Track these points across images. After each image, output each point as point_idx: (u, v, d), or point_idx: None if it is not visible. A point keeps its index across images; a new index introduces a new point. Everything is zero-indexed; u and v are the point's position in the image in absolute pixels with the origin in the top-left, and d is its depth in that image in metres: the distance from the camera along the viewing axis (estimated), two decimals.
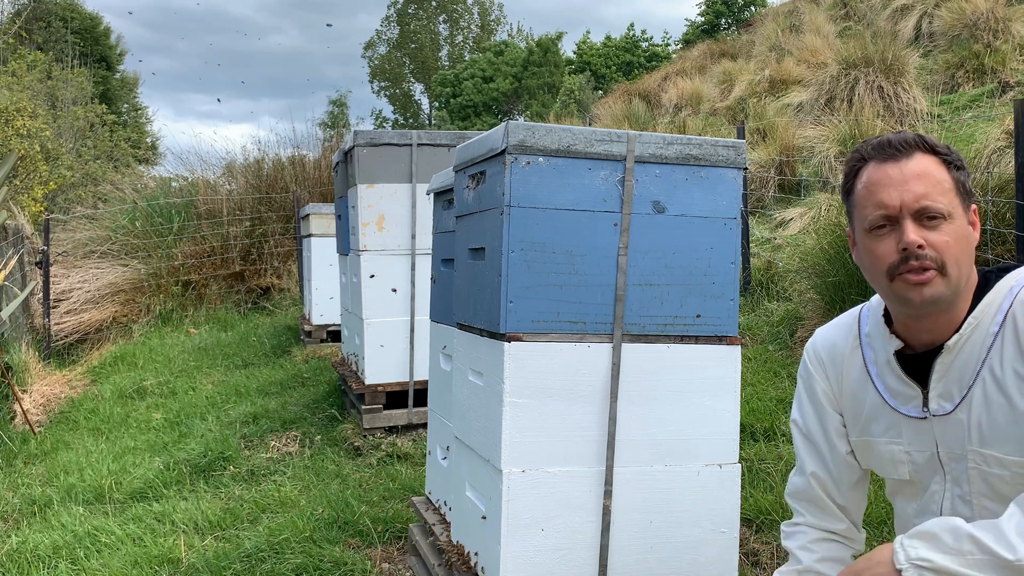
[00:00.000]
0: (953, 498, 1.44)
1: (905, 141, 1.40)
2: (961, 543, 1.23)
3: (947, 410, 1.42)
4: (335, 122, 32.95)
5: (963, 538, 1.23)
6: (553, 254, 2.09)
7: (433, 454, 3.02)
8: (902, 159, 1.39)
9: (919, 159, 1.39)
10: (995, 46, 8.56)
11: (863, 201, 1.42)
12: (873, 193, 1.40)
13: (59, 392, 6.70)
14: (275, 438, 4.71)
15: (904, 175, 1.38)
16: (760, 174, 7.69)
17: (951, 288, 1.36)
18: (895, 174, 1.38)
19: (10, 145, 12.02)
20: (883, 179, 1.39)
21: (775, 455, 3.41)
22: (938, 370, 1.42)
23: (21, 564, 3.29)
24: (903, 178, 1.37)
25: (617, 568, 2.14)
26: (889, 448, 1.51)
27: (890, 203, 1.37)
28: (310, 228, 7.30)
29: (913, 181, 1.37)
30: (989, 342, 1.38)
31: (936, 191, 1.36)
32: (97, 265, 9.72)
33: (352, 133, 4.36)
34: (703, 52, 16.35)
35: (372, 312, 4.38)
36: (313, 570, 2.97)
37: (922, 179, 1.37)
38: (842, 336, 1.60)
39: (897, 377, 1.48)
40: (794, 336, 4.85)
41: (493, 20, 44.18)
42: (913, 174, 1.37)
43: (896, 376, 1.48)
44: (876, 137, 1.45)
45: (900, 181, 1.37)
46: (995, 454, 1.36)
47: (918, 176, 1.37)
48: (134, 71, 30.12)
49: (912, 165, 1.38)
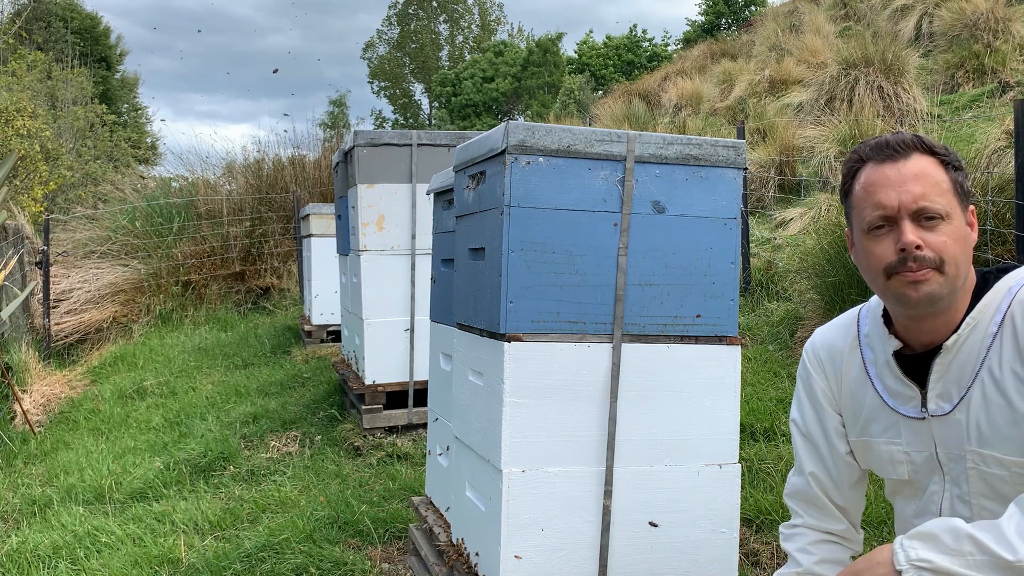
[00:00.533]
0: (952, 498, 1.44)
1: (903, 142, 1.40)
2: (961, 544, 1.23)
3: (946, 410, 1.42)
4: (335, 122, 32.96)
5: (963, 539, 1.23)
6: (553, 254, 2.09)
7: (433, 454, 3.02)
8: (900, 160, 1.39)
9: (917, 160, 1.39)
10: (995, 46, 8.56)
11: (861, 202, 1.42)
12: (871, 194, 1.40)
13: (59, 392, 6.70)
14: (275, 438, 4.71)
15: (902, 176, 1.38)
16: (760, 174, 7.69)
17: (948, 287, 1.36)
18: (893, 175, 1.38)
19: (10, 145, 12.02)
20: (881, 180, 1.39)
21: (775, 455, 3.41)
22: (936, 370, 1.42)
23: (21, 564, 3.29)
24: (901, 179, 1.38)
25: (617, 568, 2.14)
26: (888, 448, 1.51)
27: (888, 204, 1.37)
28: (310, 228, 7.31)
29: (911, 182, 1.37)
30: (988, 342, 1.37)
31: (934, 192, 1.36)
32: (97, 265, 9.72)
33: (352, 133, 4.36)
34: (703, 52, 16.35)
35: (372, 312, 4.38)
36: (313, 570, 2.97)
37: (920, 180, 1.37)
38: (841, 336, 1.60)
39: (896, 377, 1.48)
40: (794, 336, 4.85)
41: (493, 20, 44.19)
42: (911, 175, 1.37)
43: (895, 376, 1.48)
44: (874, 138, 1.46)
45: (898, 182, 1.37)
46: (994, 454, 1.36)
47: (916, 177, 1.37)
48: (134, 71, 30.16)
49: (910, 166, 1.38)
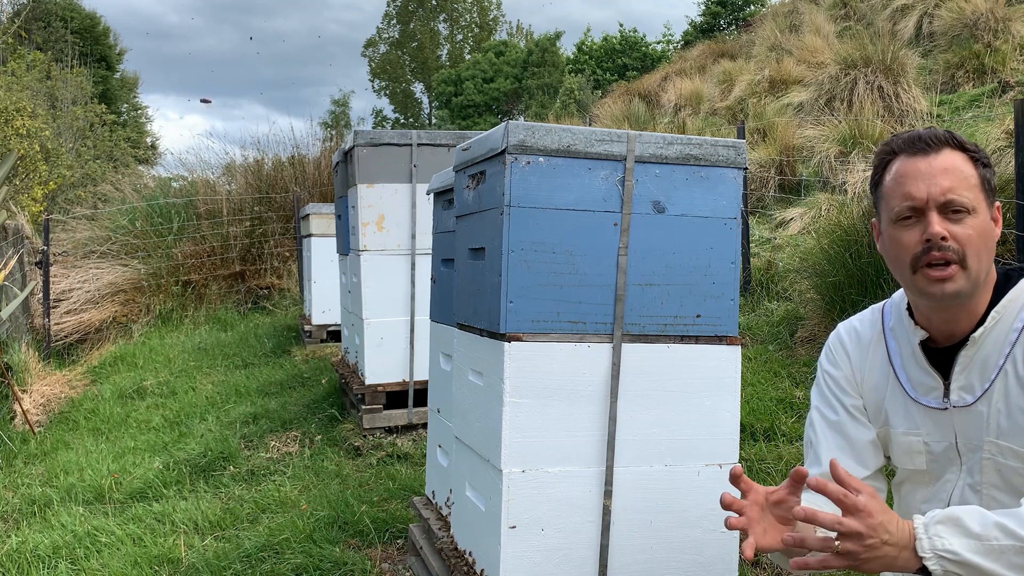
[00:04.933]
0: (964, 487, 1.47)
1: (935, 136, 1.44)
2: (988, 529, 1.23)
3: (968, 402, 1.45)
4: (336, 122, 32.95)
5: (989, 524, 1.24)
6: (553, 254, 2.09)
7: (433, 454, 3.02)
8: (931, 154, 1.43)
9: (947, 155, 1.43)
10: (995, 46, 8.55)
11: (891, 192, 1.46)
12: (901, 185, 1.44)
13: (59, 392, 6.70)
14: (275, 438, 4.71)
15: (932, 169, 1.42)
16: (760, 174, 7.69)
17: (971, 282, 1.41)
18: (924, 167, 1.43)
19: (10, 145, 12.01)
20: (912, 172, 1.43)
21: (775, 455, 3.41)
22: (961, 362, 1.46)
23: (21, 564, 3.29)
24: (931, 172, 1.42)
25: (617, 568, 2.14)
26: (907, 439, 1.54)
27: (917, 195, 1.42)
28: (310, 228, 7.31)
29: (940, 175, 1.41)
30: (1013, 337, 1.42)
31: (962, 186, 1.41)
32: (97, 265, 9.72)
33: (352, 133, 4.36)
34: (703, 52, 16.33)
35: (372, 312, 4.38)
36: (313, 570, 2.97)
37: (949, 173, 1.41)
38: (867, 328, 1.63)
39: (921, 368, 1.51)
40: (794, 336, 4.85)
41: (492, 20, 44.16)
42: (941, 168, 1.41)
43: (920, 367, 1.51)
44: (907, 132, 1.50)
45: (928, 174, 1.42)
46: (1011, 446, 1.40)
47: (946, 170, 1.41)
48: (134, 71, 30.15)
49: (941, 160, 1.42)
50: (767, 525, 1.35)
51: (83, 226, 10.74)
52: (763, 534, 1.33)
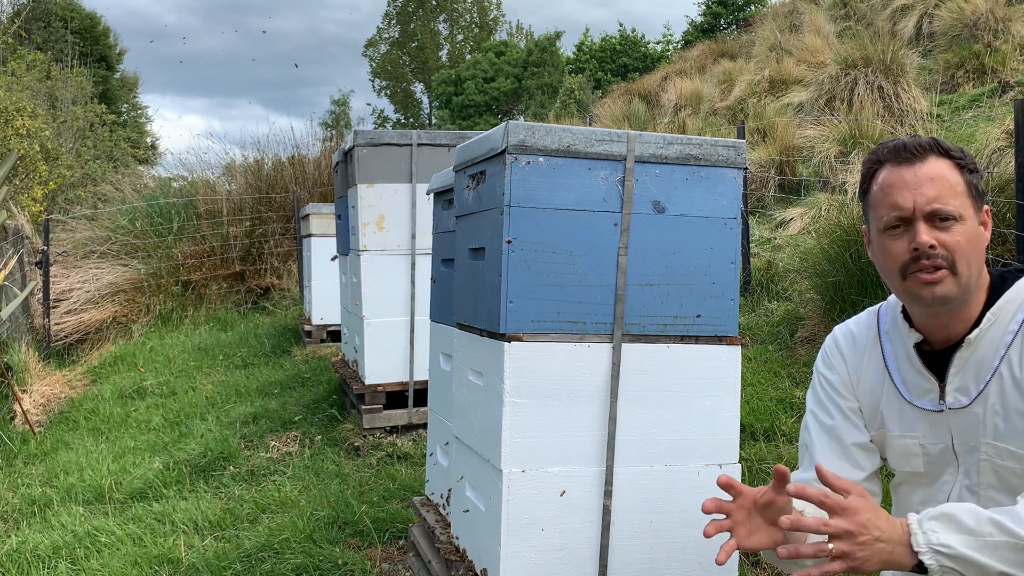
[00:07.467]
0: (961, 488, 1.47)
1: (920, 145, 1.44)
2: (982, 524, 1.23)
3: (963, 404, 1.45)
4: (336, 121, 32.96)
5: (983, 520, 1.24)
6: (553, 254, 2.09)
7: (433, 454, 3.02)
8: (916, 163, 1.43)
9: (933, 163, 1.43)
10: (995, 46, 8.55)
11: (878, 202, 1.47)
12: (888, 195, 1.45)
13: (59, 392, 6.70)
14: (275, 438, 4.71)
15: (918, 178, 1.42)
16: (760, 174, 7.69)
17: (961, 287, 1.41)
18: (909, 177, 1.43)
19: (10, 145, 12.01)
20: (897, 182, 1.44)
21: (775, 455, 3.41)
22: (956, 364, 1.46)
23: (21, 564, 3.29)
24: (917, 181, 1.42)
25: (617, 568, 2.14)
26: (903, 442, 1.54)
27: (904, 205, 1.42)
28: (310, 228, 7.31)
29: (926, 184, 1.41)
30: (1008, 339, 1.42)
31: (948, 194, 1.41)
32: (97, 265, 9.72)
33: (352, 133, 4.36)
34: (703, 52, 16.33)
35: (372, 312, 4.38)
36: (313, 570, 2.97)
37: (935, 182, 1.42)
38: (862, 331, 1.64)
39: (916, 370, 1.51)
40: (794, 336, 4.85)
41: (492, 20, 44.16)
42: (927, 177, 1.42)
43: (915, 369, 1.52)
44: (892, 140, 1.50)
45: (914, 184, 1.42)
46: (1009, 448, 1.40)
47: (931, 179, 1.42)
48: (134, 71, 30.14)
49: (926, 169, 1.43)
50: (753, 527, 1.38)
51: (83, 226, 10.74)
52: (747, 536, 1.37)
